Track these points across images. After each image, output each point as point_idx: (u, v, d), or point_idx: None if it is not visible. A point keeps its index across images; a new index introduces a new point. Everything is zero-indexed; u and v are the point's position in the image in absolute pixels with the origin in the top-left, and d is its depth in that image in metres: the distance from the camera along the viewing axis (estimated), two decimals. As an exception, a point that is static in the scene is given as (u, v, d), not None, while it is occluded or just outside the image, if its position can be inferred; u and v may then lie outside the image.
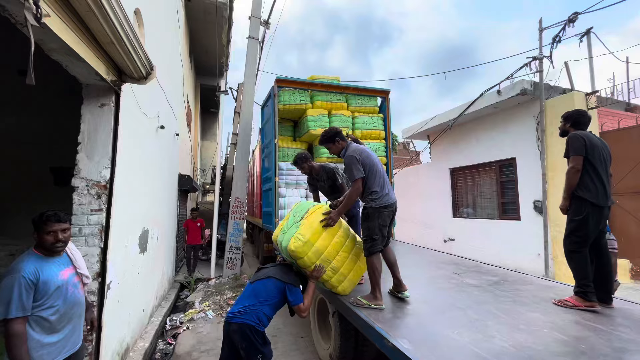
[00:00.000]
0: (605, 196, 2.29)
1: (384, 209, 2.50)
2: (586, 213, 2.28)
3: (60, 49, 1.91)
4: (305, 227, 2.56)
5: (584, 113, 2.58)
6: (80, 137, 2.51)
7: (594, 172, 2.32)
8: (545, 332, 1.92)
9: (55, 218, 1.68)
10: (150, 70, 2.74)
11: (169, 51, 5.22)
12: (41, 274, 1.61)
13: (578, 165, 2.34)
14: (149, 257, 4.12)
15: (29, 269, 1.58)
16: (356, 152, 2.57)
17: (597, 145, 2.35)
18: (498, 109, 6.94)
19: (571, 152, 2.41)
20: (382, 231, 2.50)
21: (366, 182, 2.55)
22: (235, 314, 2.20)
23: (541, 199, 6.07)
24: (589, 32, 6.23)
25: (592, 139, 2.40)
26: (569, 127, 2.59)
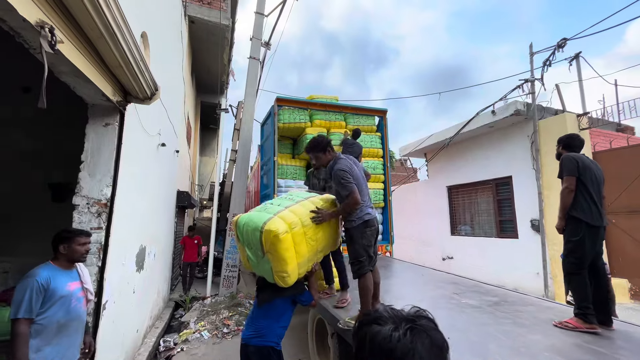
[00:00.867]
0: (599, 216, 2.33)
1: (365, 229, 2.39)
2: (582, 234, 2.31)
3: (70, 72, 1.98)
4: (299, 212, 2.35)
5: (576, 136, 2.66)
6: (84, 156, 2.54)
7: (586, 192, 2.37)
8: (546, 355, 1.91)
9: (86, 233, 2.02)
10: (155, 91, 2.81)
11: (172, 70, 5.35)
12: (52, 281, 1.77)
13: (571, 185, 2.40)
14: (145, 276, 4.07)
15: (43, 274, 1.76)
16: (346, 166, 2.46)
17: (589, 167, 2.42)
18: (493, 128, 7.10)
19: (564, 173, 2.47)
20: (368, 251, 2.39)
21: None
22: (251, 335, 2.23)
23: (538, 217, 6.11)
24: (577, 57, 6.48)
25: (585, 160, 2.46)
26: (562, 149, 2.67)
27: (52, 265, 1.87)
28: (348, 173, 2.41)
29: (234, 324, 4.95)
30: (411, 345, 0.54)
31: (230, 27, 7.92)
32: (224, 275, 6.48)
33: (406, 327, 0.56)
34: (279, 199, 2.67)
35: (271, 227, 2.10)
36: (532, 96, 6.30)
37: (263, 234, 2.11)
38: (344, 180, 2.37)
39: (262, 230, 2.11)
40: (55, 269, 1.86)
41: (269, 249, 2.13)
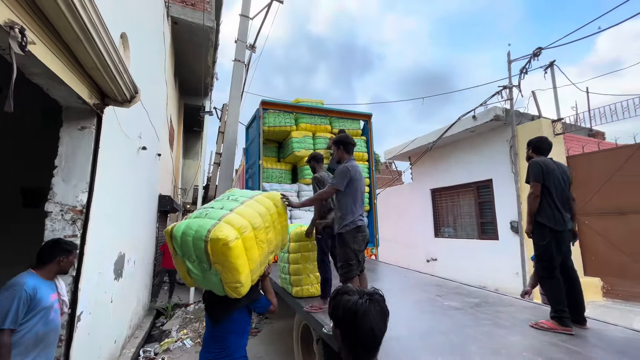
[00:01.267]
0: (563, 220, 2.42)
1: (357, 234, 2.51)
2: (548, 238, 2.40)
3: (43, 74, 1.89)
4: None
5: (544, 139, 2.73)
6: (57, 160, 2.43)
7: (550, 198, 2.45)
8: (525, 355, 1.96)
9: (75, 246, 2.04)
10: (135, 94, 2.74)
11: (154, 72, 5.23)
12: (38, 292, 1.76)
13: (537, 191, 2.47)
14: (124, 284, 3.92)
15: (30, 284, 1.74)
16: (350, 168, 2.58)
17: (553, 172, 2.49)
18: (474, 133, 7.30)
19: (530, 178, 2.54)
20: (358, 256, 2.52)
21: (347, 201, 2.56)
22: (218, 357, 2.00)
23: (517, 219, 6.32)
24: (552, 65, 6.76)
25: (550, 165, 2.52)
26: (532, 152, 2.75)
27: (35, 275, 1.83)
28: (349, 173, 2.55)
29: (217, 331, 4.85)
30: (368, 308, 0.90)
31: (214, 29, 7.82)
32: (207, 281, 6.36)
33: (366, 297, 0.93)
34: (218, 200, 2.25)
35: (219, 234, 1.79)
36: (511, 102, 6.53)
37: (209, 244, 1.79)
38: (342, 175, 2.53)
39: (208, 239, 1.79)
40: (38, 278, 1.82)
41: (217, 259, 1.82)
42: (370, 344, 0.92)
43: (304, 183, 5.96)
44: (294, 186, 6.00)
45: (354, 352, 0.93)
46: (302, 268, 3.26)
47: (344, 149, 2.73)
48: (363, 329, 0.89)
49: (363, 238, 2.55)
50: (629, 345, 2.10)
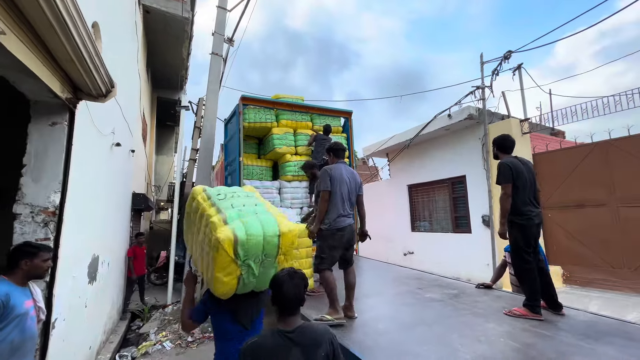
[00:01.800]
0: (532, 215, 2.59)
1: (336, 232, 2.64)
2: (515, 233, 2.57)
3: (11, 65, 1.75)
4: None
5: (507, 137, 2.87)
6: (26, 159, 2.27)
7: (520, 196, 2.60)
8: (501, 341, 2.11)
9: (47, 248, 1.91)
10: (111, 88, 2.60)
11: (126, 64, 4.96)
12: (12, 298, 1.67)
13: (508, 191, 2.60)
14: (98, 287, 3.74)
15: (2, 291, 1.65)
16: (330, 169, 2.76)
17: (522, 172, 2.65)
18: (449, 131, 7.59)
19: (501, 180, 2.66)
20: (331, 252, 2.63)
21: (331, 199, 2.69)
22: None
23: (488, 214, 6.68)
24: (519, 67, 7.16)
25: (517, 165, 2.67)
26: (497, 150, 2.91)
27: (7, 281, 1.74)
28: (328, 173, 2.71)
29: (199, 332, 4.75)
30: (286, 278, 1.36)
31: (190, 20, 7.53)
32: (186, 281, 6.18)
33: (286, 273, 1.40)
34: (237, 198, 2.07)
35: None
36: (483, 102, 6.85)
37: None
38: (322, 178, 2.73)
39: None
40: (11, 285, 1.73)
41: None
42: (288, 303, 1.35)
43: (285, 180, 5.93)
44: (275, 183, 5.95)
45: (280, 309, 1.36)
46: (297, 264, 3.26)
47: (334, 154, 2.94)
48: (282, 293, 1.35)
49: (341, 237, 2.66)
50: (590, 328, 2.31)
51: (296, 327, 1.33)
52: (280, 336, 1.30)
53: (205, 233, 1.76)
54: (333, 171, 2.74)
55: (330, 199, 2.68)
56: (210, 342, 4.51)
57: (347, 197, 2.74)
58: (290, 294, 1.34)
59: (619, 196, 5.29)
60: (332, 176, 2.70)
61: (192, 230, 2.04)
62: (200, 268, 1.91)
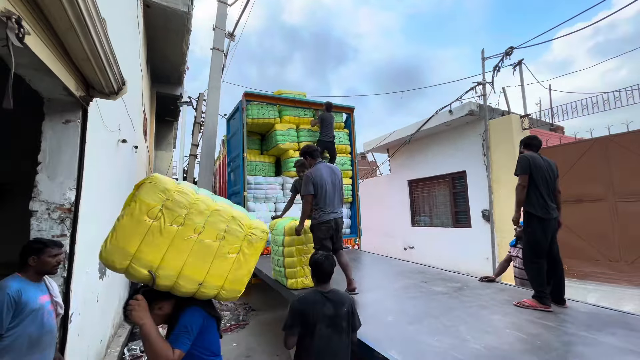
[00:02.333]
0: (548, 209, 2.68)
1: (322, 225, 3.06)
2: (534, 226, 2.65)
3: (29, 65, 1.77)
4: None
5: (534, 137, 2.98)
6: (41, 156, 2.28)
7: (537, 188, 2.71)
8: (508, 332, 2.19)
9: (58, 244, 1.93)
10: (122, 85, 2.62)
11: (129, 60, 4.93)
12: (23, 294, 1.71)
13: (524, 182, 2.71)
14: (107, 282, 3.78)
15: (14, 287, 1.70)
16: (311, 173, 3.14)
17: (540, 166, 2.75)
18: (450, 126, 7.65)
19: (518, 171, 2.78)
20: (322, 242, 3.05)
21: (315, 199, 3.09)
22: None
23: (488, 208, 6.77)
24: (520, 63, 7.21)
25: (537, 159, 2.77)
26: (523, 148, 3.00)
27: (21, 278, 1.79)
28: (310, 178, 3.07)
29: (204, 326, 4.82)
30: (323, 259, 1.99)
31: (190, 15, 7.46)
32: (190, 276, 6.23)
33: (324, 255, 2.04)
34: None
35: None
36: (484, 98, 6.90)
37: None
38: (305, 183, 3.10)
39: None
40: (24, 281, 1.78)
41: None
42: (326, 274, 1.95)
43: (288, 175, 5.98)
44: (278, 179, 6.00)
45: (319, 279, 1.97)
46: (297, 261, 3.33)
47: (310, 156, 3.29)
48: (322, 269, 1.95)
49: (327, 228, 3.07)
50: (592, 319, 2.40)
51: (329, 290, 1.93)
52: (319, 294, 1.88)
53: (229, 230, 1.54)
54: (314, 175, 3.11)
55: (314, 200, 3.09)
56: (217, 335, 4.59)
57: (331, 194, 3.13)
58: (327, 269, 1.95)
59: (617, 191, 5.39)
60: (314, 180, 3.08)
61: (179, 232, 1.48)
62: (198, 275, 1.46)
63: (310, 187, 3.06)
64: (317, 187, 3.08)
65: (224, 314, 5.28)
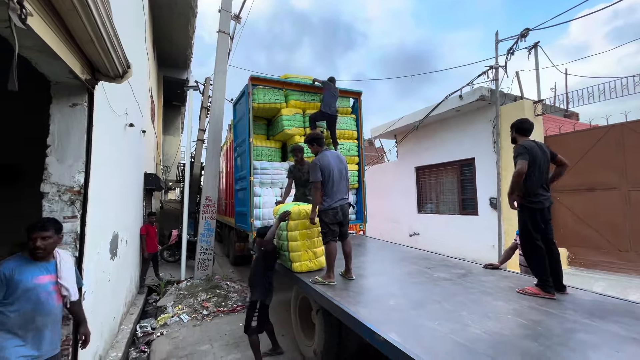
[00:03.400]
0: (542, 199, 2.63)
1: (329, 210, 3.12)
2: (528, 216, 2.62)
3: (34, 47, 1.78)
4: None
5: (525, 120, 2.88)
6: (50, 139, 2.33)
7: (532, 179, 2.64)
8: (509, 318, 2.20)
9: (38, 227, 1.82)
10: (127, 69, 2.61)
11: (135, 43, 4.90)
12: (17, 274, 1.74)
13: (524, 168, 2.60)
14: (119, 263, 3.91)
15: (8, 266, 1.75)
16: (318, 160, 3.16)
17: (537, 155, 2.68)
18: (459, 112, 7.48)
19: (518, 158, 2.68)
20: (330, 227, 3.12)
21: (323, 187, 3.14)
22: None
23: (496, 196, 6.69)
24: (536, 46, 6.92)
25: (534, 148, 2.69)
26: (515, 134, 2.91)
27: (21, 257, 1.82)
28: (318, 165, 3.09)
29: (212, 306, 4.98)
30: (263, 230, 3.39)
31: (196, -4, 7.34)
32: (198, 259, 6.40)
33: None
34: None
35: None
36: (496, 83, 6.69)
37: None
38: (313, 170, 3.13)
39: None
40: (25, 260, 1.81)
41: None
42: None
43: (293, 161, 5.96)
44: (284, 164, 5.99)
45: None
46: (301, 245, 3.37)
47: (317, 143, 3.32)
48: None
49: (335, 214, 3.13)
50: (595, 307, 2.39)
51: None
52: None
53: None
54: (321, 162, 3.13)
55: (322, 187, 3.13)
56: (224, 315, 4.75)
57: (337, 182, 3.16)
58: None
59: (631, 180, 5.25)
60: (322, 167, 3.11)
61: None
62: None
63: (319, 173, 3.09)
64: (324, 174, 3.11)
65: (231, 295, 5.44)
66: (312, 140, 3.37)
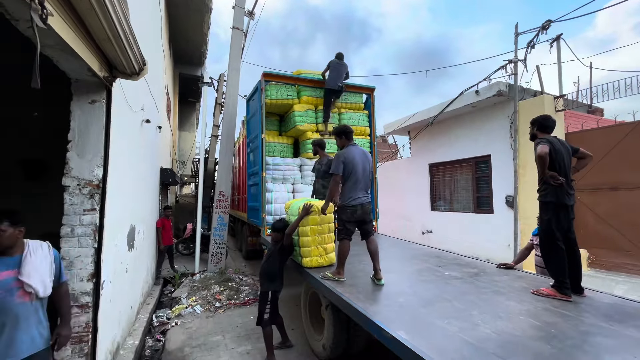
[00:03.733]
0: (565, 196, 2.54)
1: (347, 208, 3.02)
2: (551, 213, 2.53)
3: (55, 46, 1.85)
4: None
5: (549, 117, 2.78)
6: (71, 135, 2.42)
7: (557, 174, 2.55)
8: (522, 318, 2.15)
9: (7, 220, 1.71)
10: (143, 66, 2.67)
11: (151, 40, 5.01)
12: None
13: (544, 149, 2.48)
14: (136, 255, 4.05)
15: None
16: (343, 154, 3.06)
17: (560, 151, 2.59)
18: (475, 108, 7.29)
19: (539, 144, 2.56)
20: (346, 225, 3.05)
21: (344, 182, 3.04)
22: None
23: (512, 194, 6.51)
24: (558, 38, 6.64)
25: (556, 144, 2.61)
26: (536, 130, 2.81)
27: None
28: (341, 159, 3.00)
29: (225, 299, 5.09)
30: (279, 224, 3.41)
31: (210, -7, 7.41)
32: (212, 252, 6.54)
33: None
34: None
35: None
36: (515, 77, 6.47)
37: None
38: (335, 162, 3.03)
39: None
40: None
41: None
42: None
43: (306, 157, 5.98)
44: (296, 160, 6.03)
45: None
46: (311, 240, 3.39)
47: (346, 137, 3.23)
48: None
49: (353, 212, 3.02)
50: (614, 310, 2.31)
51: None
52: None
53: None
54: (346, 155, 3.01)
55: (344, 181, 3.03)
56: (236, 308, 4.85)
57: (361, 178, 3.03)
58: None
59: (658, 179, 5.00)
60: (345, 161, 2.99)
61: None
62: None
63: (341, 166, 2.97)
64: (347, 169, 2.99)
65: (243, 288, 5.54)
66: (341, 133, 3.25)
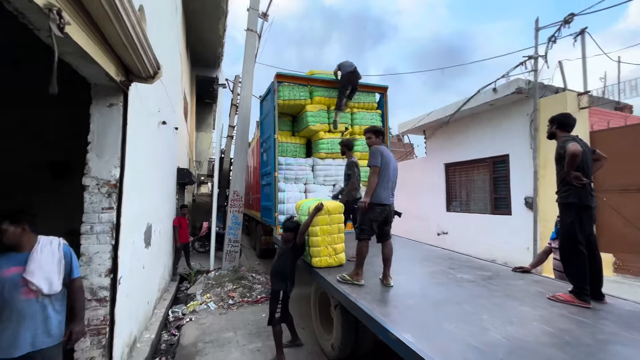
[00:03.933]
0: (588, 198, 2.43)
1: (377, 206, 2.94)
2: (574, 215, 2.43)
3: (74, 53, 1.94)
4: None
5: (569, 115, 2.66)
6: (90, 137, 2.54)
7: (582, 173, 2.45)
8: (535, 324, 2.08)
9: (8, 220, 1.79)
10: (157, 70, 2.77)
11: (169, 45, 5.18)
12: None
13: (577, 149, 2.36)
14: (152, 252, 4.20)
15: None
16: (381, 149, 3.03)
17: (585, 151, 2.48)
18: (493, 106, 7.07)
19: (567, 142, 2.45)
20: (372, 225, 2.96)
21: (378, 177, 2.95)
22: None
23: (532, 195, 6.28)
24: (583, 32, 6.35)
25: (581, 143, 2.52)
26: (556, 129, 2.70)
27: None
28: (379, 152, 2.97)
29: (238, 296, 5.19)
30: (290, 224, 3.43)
31: (226, -4, 7.56)
32: (226, 250, 6.67)
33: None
34: None
35: None
36: (535, 73, 6.24)
37: None
38: (374, 154, 2.98)
39: None
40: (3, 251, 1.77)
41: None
42: None
43: (318, 157, 6.01)
44: (308, 160, 6.06)
45: None
46: (321, 240, 3.41)
47: (377, 136, 3.23)
48: None
49: (382, 212, 2.97)
50: (637, 318, 2.19)
51: None
52: None
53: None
54: (383, 151, 2.99)
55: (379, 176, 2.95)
56: (248, 305, 4.93)
57: (392, 177, 3.03)
58: None
59: (692, 180, 4.69)
60: (383, 155, 2.96)
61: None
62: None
63: (379, 159, 2.92)
64: (384, 163, 2.95)
65: (255, 286, 5.63)
66: (374, 132, 3.22)
